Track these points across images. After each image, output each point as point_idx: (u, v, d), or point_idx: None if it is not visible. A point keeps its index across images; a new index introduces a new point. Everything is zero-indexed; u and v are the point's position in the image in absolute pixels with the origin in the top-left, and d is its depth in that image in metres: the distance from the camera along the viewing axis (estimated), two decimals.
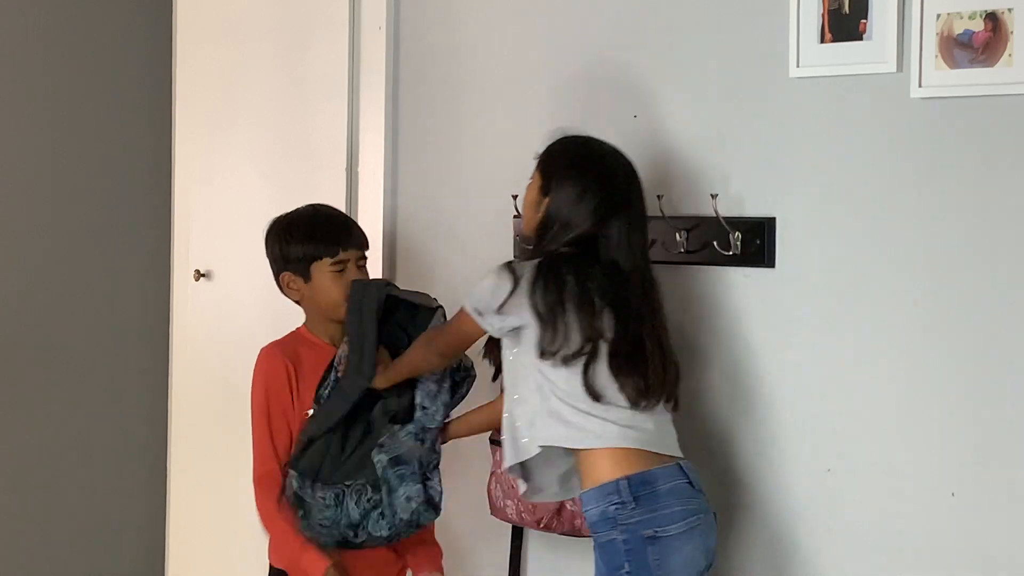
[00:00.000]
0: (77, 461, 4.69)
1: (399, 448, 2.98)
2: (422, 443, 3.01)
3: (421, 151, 3.70)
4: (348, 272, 3.12)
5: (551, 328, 2.71)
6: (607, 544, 2.70)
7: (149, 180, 4.70)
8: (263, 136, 4.10)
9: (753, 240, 2.99)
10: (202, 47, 4.29)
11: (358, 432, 3.00)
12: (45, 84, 4.60)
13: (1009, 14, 2.63)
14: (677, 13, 3.14)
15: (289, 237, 3.13)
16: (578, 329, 2.71)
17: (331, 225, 3.17)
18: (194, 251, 4.29)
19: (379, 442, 2.97)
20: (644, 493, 2.69)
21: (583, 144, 2.88)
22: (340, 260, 3.11)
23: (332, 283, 3.10)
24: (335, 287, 3.10)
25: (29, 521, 4.59)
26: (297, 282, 3.13)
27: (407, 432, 3.00)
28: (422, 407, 3.03)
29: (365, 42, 3.78)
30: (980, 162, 2.68)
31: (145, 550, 4.70)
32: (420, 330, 3.04)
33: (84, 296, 4.70)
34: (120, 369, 4.78)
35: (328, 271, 3.11)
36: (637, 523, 2.67)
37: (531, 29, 3.45)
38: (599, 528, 2.71)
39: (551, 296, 2.72)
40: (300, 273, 3.12)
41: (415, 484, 2.99)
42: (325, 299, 3.12)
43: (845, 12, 2.84)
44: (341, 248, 3.11)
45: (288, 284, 3.15)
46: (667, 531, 2.69)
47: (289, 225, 3.16)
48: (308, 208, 3.21)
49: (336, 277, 3.11)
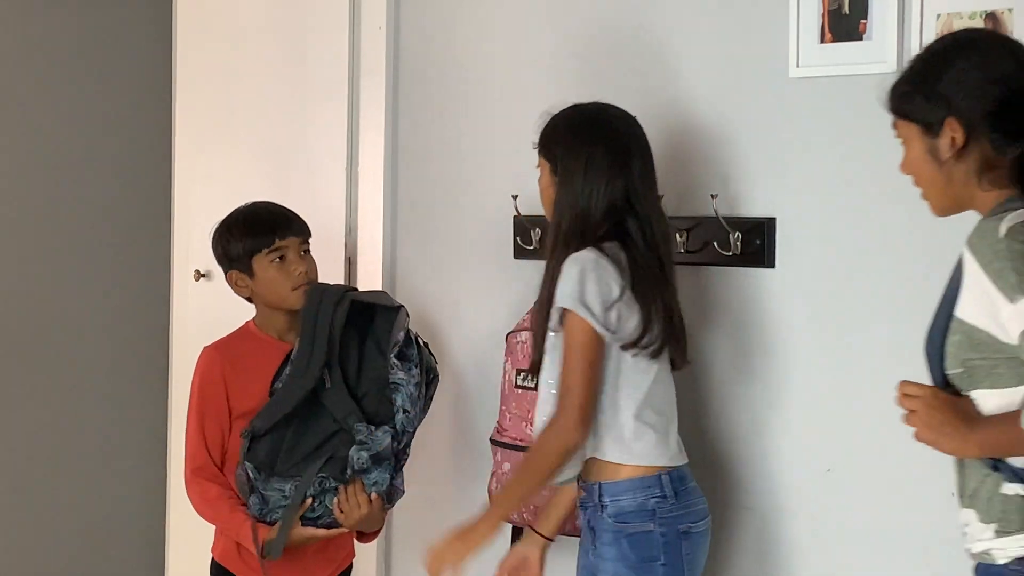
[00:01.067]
0: (77, 461, 4.69)
1: (378, 446, 3.01)
2: (397, 443, 3.05)
3: (421, 151, 3.70)
4: (289, 261, 3.15)
5: (647, 318, 2.70)
6: (641, 536, 2.70)
7: (149, 180, 4.70)
8: (263, 136, 4.10)
9: (753, 240, 2.99)
10: (202, 47, 4.29)
11: (323, 427, 3.03)
12: (45, 84, 4.60)
13: (1009, 14, 2.63)
14: (677, 14, 3.14)
15: (229, 236, 3.19)
16: (659, 319, 2.72)
17: (266, 217, 3.20)
18: (194, 251, 4.29)
19: (359, 439, 2.99)
20: (681, 488, 2.74)
21: (573, 112, 2.85)
22: (277, 248, 3.14)
23: (276, 273, 3.14)
24: (279, 277, 3.14)
25: (29, 521, 4.59)
26: (243, 279, 3.17)
27: (385, 431, 3.02)
28: (403, 410, 3.06)
29: (365, 42, 3.78)
30: None
31: (145, 550, 4.70)
32: (380, 331, 3.07)
33: (84, 296, 4.70)
34: (120, 369, 4.78)
35: (268, 262, 3.14)
36: (675, 517, 2.70)
37: (531, 29, 3.45)
38: (632, 519, 2.71)
39: (644, 284, 2.71)
40: (244, 270, 3.17)
41: (385, 474, 3.04)
42: (271, 292, 3.16)
43: (845, 12, 2.84)
44: (277, 237, 3.15)
45: (236, 282, 3.19)
46: (696, 527, 2.74)
47: (228, 224, 3.21)
48: (246, 206, 3.26)
49: (278, 267, 3.14)
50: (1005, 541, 2.16)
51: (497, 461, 3.21)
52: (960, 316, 2.16)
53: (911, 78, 2.27)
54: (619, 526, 2.71)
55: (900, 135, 2.30)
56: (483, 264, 3.54)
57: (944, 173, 2.24)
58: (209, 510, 3.15)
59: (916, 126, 2.25)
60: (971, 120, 2.19)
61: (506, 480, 3.04)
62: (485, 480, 3.28)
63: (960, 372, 2.17)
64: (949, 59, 2.24)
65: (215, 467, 3.15)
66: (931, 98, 2.22)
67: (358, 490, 3.01)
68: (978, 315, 2.13)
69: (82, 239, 4.70)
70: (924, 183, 2.28)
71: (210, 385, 3.18)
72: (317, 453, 3.02)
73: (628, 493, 2.70)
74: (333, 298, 3.07)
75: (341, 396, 3.03)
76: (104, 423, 4.74)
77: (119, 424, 4.77)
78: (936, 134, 2.22)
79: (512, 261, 3.43)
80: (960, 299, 2.16)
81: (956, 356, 2.17)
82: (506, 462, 3.19)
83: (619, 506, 2.71)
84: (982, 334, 2.13)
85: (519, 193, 3.31)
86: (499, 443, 3.22)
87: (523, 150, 3.42)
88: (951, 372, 2.18)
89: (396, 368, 3.07)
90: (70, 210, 4.66)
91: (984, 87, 2.19)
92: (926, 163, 2.25)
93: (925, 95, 2.23)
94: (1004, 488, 2.16)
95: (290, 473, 3.02)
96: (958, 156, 2.21)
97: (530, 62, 3.45)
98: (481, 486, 3.29)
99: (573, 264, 2.69)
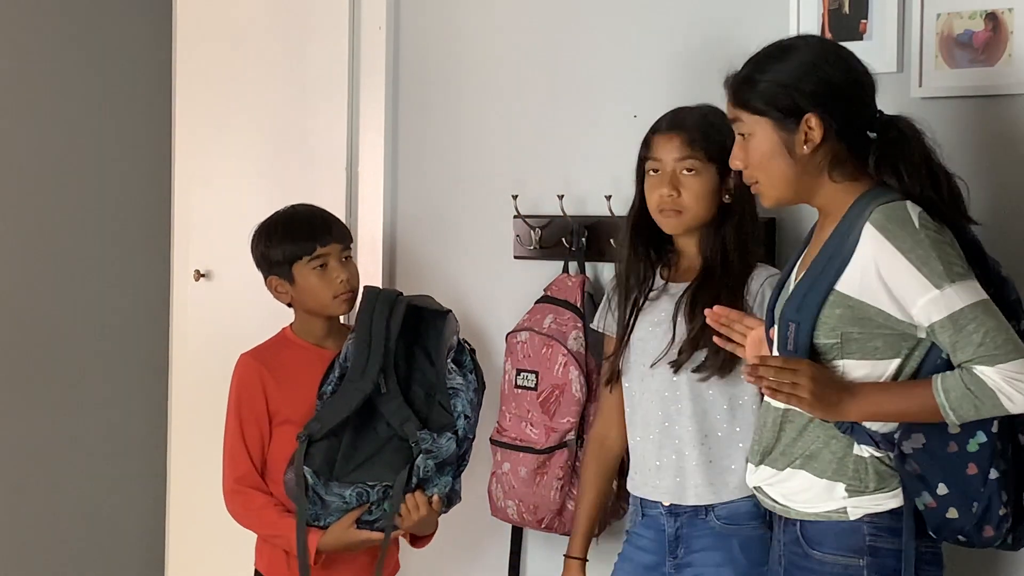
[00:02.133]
0: (77, 461, 4.69)
1: (445, 454, 2.98)
2: (459, 449, 3.01)
3: (421, 151, 3.70)
4: (331, 268, 3.09)
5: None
6: (757, 538, 2.72)
7: (149, 180, 4.70)
8: (263, 136, 4.10)
9: None
10: (202, 47, 4.29)
11: (379, 433, 2.99)
12: (45, 84, 4.60)
13: (1009, 14, 2.63)
14: (677, 14, 3.14)
15: (269, 241, 3.12)
16: None
17: (307, 223, 3.13)
18: (194, 251, 4.29)
19: (425, 447, 2.95)
20: None
21: (716, 110, 2.75)
22: (318, 256, 3.08)
23: (317, 281, 3.08)
24: (320, 285, 3.08)
25: (29, 521, 4.59)
26: (284, 285, 3.11)
27: (448, 438, 2.98)
28: (464, 416, 3.01)
29: (365, 42, 3.78)
30: (980, 162, 2.68)
31: (145, 550, 4.70)
32: (429, 336, 3.02)
33: (84, 296, 4.70)
34: (120, 369, 4.78)
35: (309, 270, 3.08)
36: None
37: (531, 29, 3.45)
38: (745, 520, 2.73)
39: None
40: (284, 276, 3.11)
41: (448, 478, 3.00)
42: (312, 299, 3.10)
43: (845, 12, 2.84)
44: (319, 244, 3.09)
45: (276, 288, 3.13)
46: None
47: (268, 229, 3.14)
48: (286, 209, 3.19)
49: (320, 275, 3.08)
50: (860, 500, 2.33)
51: (497, 461, 3.22)
52: (844, 291, 2.29)
53: (759, 71, 2.36)
54: (738, 527, 2.76)
55: (743, 128, 2.38)
56: (483, 264, 3.54)
57: (797, 167, 2.35)
58: (256, 519, 3.07)
59: (767, 120, 2.34)
60: (828, 116, 2.31)
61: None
62: (485, 480, 3.28)
63: (834, 343, 2.30)
64: (802, 55, 2.35)
65: (258, 475, 3.07)
66: (787, 93, 2.32)
67: (419, 493, 2.97)
68: (872, 292, 2.27)
69: (82, 239, 4.70)
70: (768, 175, 2.37)
71: (249, 392, 3.10)
72: (375, 459, 2.97)
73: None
74: (388, 302, 3.02)
75: (398, 403, 2.97)
76: (104, 423, 4.75)
77: (119, 424, 4.78)
78: (791, 129, 2.33)
79: (512, 261, 3.43)
80: (846, 275, 2.28)
81: (835, 328, 2.30)
82: (506, 462, 3.19)
83: (738, 506, 2.75)
84: (870, 309, 2.28)
85: (519, 193, 3.31)
86: (499, 443, 3.22)
87: (523, 151, 3.43)
88: (824, 341, 2.31)
89: (453, 373, 3.02)
90: (70, 210, 4.67)
91: (838, 84, 2.33)
92: (776, 157, 2.35)
93: (781, 89, 2.33)
94: (857, 450, 2.33)
95: (349, 479, 2.95)
96: (813, 151, 2.33)
97: (530, 62, 3.44)
98: (481, 486, 3.29)
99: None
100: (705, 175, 2.75)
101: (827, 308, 2.30)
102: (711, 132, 2.74)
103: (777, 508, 2.44)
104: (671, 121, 2.79)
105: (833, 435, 2.34)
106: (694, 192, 2.75)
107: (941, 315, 2.22)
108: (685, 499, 2.78)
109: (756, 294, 2.73)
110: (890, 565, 2.32)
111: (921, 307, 2.24)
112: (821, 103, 2.32)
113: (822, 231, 2.41)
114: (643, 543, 2.85)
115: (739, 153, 2.40)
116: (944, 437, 2.28)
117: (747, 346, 2.55)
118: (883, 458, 2.33)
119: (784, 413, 2.39)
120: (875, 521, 2.33)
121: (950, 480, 2.27)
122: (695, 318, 2.73)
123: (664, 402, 2.79)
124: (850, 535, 2.33)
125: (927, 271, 2.23)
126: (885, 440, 2.31)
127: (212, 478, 4.34)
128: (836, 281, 2.29)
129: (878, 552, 2.32)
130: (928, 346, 2.29)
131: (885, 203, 2.29)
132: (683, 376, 2.76)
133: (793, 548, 2.40)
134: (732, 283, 2.74)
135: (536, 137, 3.42)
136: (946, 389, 2.22)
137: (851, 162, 2.35)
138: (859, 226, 2.28)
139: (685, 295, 2.78)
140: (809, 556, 2.37)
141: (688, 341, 2.74)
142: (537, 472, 3.12)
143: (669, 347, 2.77)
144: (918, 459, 2.29)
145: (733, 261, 2.76)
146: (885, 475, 2.33)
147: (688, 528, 2.78)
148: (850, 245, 2.29)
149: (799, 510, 2.39)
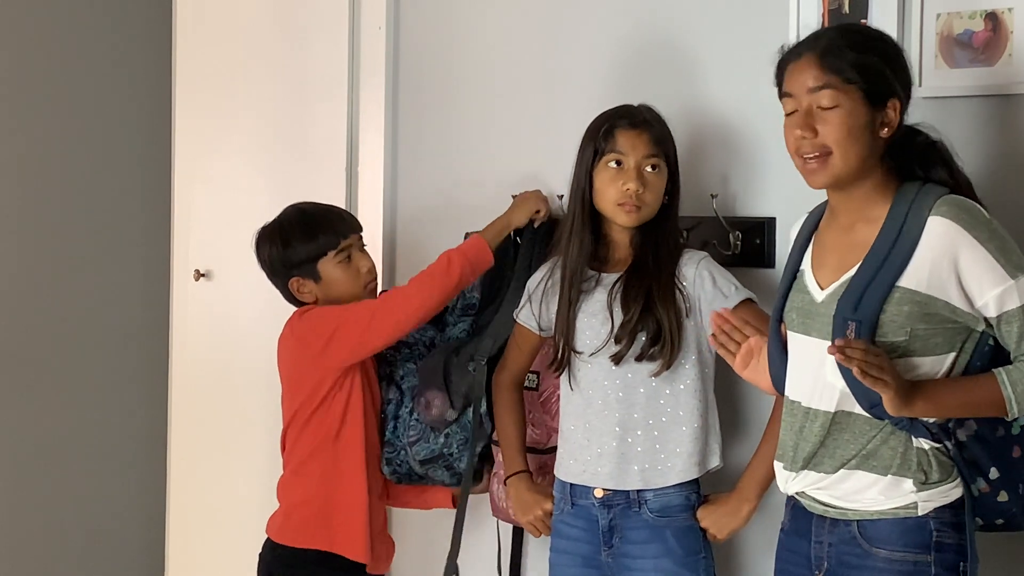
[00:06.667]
0: (77, 461, 4.69)
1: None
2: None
3: (421, 151, 3.70)
4: (355, 258, 3.13)
5: None
6: (688, 528, 2.80)
7: (149, 180, 4.70)
8: (263, 136, 4.10)
9: (753, 240, 2.99)
10: (202, 47, 4.29)
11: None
12: (45, 84, 4.60)
13: (1009, 14, 2.63)
14: (676, 15, 3.14)
15: (286, 242, 3.11)
16: None
17: (324, 219, 3.15)
18: (194, 251, 4.30)
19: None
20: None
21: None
22: (343, 248, 3.11)
23: (343, 274, 3.11)
24: (346, 276, 3.11)
25: (29, 520, 4.59)
26: (308, 284, 3.12)
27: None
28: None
29: (365, 42, 3.78)
30: (980, 162, 2.68)
31: (145, 550, 4.70)
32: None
33: (84, 296, 4.70)
34: (120, 369, 4.78)
35: (335, 264, 3.10)
36: None
37: (531, 29, 3.45)
38: (677, 512, 2.80)
39: None
40: (308, 275, 3.11)
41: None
42: (342, 292, 3.12)
43: (845, 12, 2.84)
44: (341, 237, 3.11)
45: (299, 289, 3.13)
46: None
47: (280, 232, 3.13)
48: (291, 210, 3.18)
49: (344, 267, 3.11)
50: (929, 493, 2.31)
51: (498, 461, 3.22)
52: (910, 286, 2.26)
53: (865, 47, 2.33)
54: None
55: (825, 100, 2.32)
56: None
57: (872, 147, 2.33)
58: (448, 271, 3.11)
59: (860, 93, 2.31)
60: (903, 107, 2.33)
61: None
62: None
63: (901, 340, 2.27)
64: (890, 42, 2.37)
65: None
66: (882, 71, 2.31)
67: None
68: (940, 285, 2.25)
69: (82, 238, 4.70)
70: (845, 150, 2.32)
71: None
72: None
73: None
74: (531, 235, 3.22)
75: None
76: (104, 423, 4.75)
77: (119, 424, 4.78)
78: (878, 108, 2.31)
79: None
80: (910, 270, 2.25)
81: (903, 326, 2.26)
82: None
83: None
84: (938, 303, 2.26)
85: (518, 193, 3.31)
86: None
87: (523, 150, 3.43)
88: (892, 340, 2.27)
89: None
90: (70, 210, 4.67)
91: (909, 81, 2.36)
92: (863, 131, 2.32)
93: (880, 65, 2.31)
94: (916, 443, 2.31)
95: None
96: (888, 137, 2.33)
97: (530, 62, 3.45)
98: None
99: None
100: (664, 173, 2.84)
101: (892, 305, 2.26)
102: (667, 132, 2.86)
103: (830, 511, 2.39)
104: (635, 118, 2.84)
105: (890, 431, 2.32)
106: (656, 189, 2.82)
107: (1015, 304, 2.24)
108: (627, 484, 2.80)
109: (693, 279, 2.79)
110: (951, 560, 2.31)
111: (994, 297, 2.24)
112: (903, 92, 2.33)
113: (837, 225, 2.39)
114: (575, 533, 2.88)
115: (831, 123, 2.30)
116: (992, 422, 2.31)
117: (739, 355, 2.55)
118: (941, 449, 2.31)
119: (835, 416, 2.35)
120: (940, 516, 2.31)
121: (1000, 464, 2.32)
122: (630, 306, 2.78)
123: (605, 390, 2.83)
124: (916, 532, 2.32)
125: (1004, 261, 2.23)
126: (941, 430, 2.31)
127: (212, 477, 4.35)
128: (899, 277, 2.26)
129: (943, 547, 2.31)
130: (978, 339, 2.29)
131: (945, 195, 2.28)
132: (625, 366, 2.79)
133: (847, 549, 2.37)
134: (663, 270, 2.80)
135: (536, 137, 3.42)
136: (1013, 382, 2.23)
137: (888, 159, 2.36)
138: (921, 218, 2.26)
139: (619, 283, 2.83)
140: (871, 555, 2.33)
141: (623, 327, 2.78)
142: (538, 472, 3.12)
143: (609, 336, 2.81)
144: (972, 446, 2.31)
145: (662, 250, 2.82)
146: (946, 465, 2.32)
147: (621, 519, 2.81)
148: (911, 239, 2.26)
149: (859, 509, 2.35)
